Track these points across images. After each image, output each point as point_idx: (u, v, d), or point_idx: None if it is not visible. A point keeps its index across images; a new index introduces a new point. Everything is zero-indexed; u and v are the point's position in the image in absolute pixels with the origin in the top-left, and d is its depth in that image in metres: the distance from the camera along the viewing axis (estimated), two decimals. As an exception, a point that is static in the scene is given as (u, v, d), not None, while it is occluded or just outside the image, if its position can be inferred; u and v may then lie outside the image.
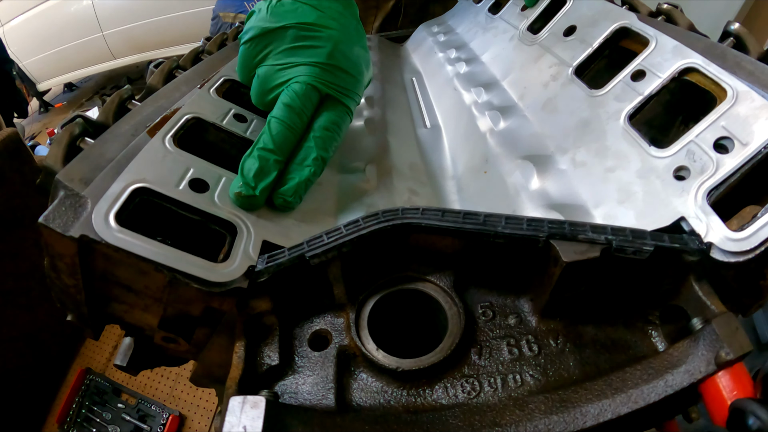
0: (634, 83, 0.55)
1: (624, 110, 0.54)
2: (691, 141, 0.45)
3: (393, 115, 0.88)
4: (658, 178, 0.46)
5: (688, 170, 0.44)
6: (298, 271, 0.43)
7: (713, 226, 0.39)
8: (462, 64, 0.93)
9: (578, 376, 0.39)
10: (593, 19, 0.68)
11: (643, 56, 0.56)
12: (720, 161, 0.42)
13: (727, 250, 0.37)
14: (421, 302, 0.45)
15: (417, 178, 0.71)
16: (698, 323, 0.36)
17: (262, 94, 0.61)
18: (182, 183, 0.48)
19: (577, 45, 0.67)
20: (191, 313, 0.44)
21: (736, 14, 1.79)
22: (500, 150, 0.66)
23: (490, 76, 0.84)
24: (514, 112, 0.71)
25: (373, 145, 0.75)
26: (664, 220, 0.42)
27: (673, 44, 0.54)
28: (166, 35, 3.67)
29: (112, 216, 0.42)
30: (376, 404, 0.40)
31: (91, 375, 1.74)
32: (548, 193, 0.55)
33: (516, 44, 0.83)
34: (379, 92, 0.93)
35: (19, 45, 4.00)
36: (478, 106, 0.77)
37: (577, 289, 0.40)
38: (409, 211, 0.42)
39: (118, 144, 0.51)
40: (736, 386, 0.32)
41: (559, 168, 0.57)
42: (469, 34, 1.06)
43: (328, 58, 0.58)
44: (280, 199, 0.53)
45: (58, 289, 0.45)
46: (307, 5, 0.59)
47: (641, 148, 0.49)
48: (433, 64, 1.05)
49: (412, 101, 1.00)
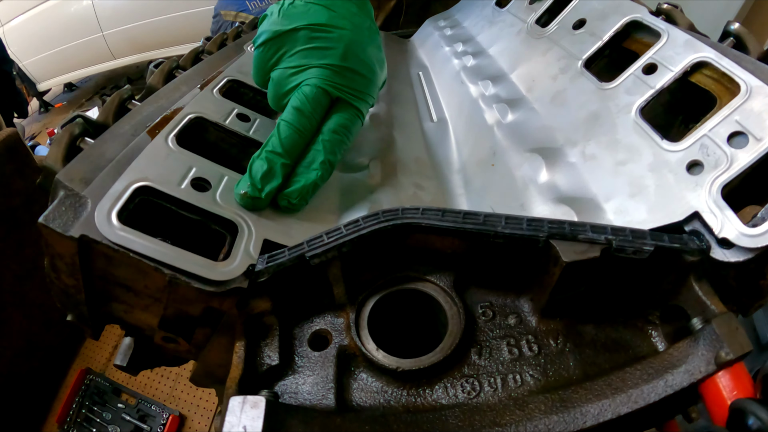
0: (645, 77, 0.54)
1: (635, 103, 0.53)
2: (704, 135, 0.44)
3: (399, 110, 0.87)
4: (671, 172, 0.45)
5: (702, 164, 0.43)
6: (298, 271, 0.43)
7: (728, 221, 0.38)
8: (469, 57, 0.92)
9: (578, 376, 0.39)
10: (603, 12, 0.67)
11: (654, 49, 0.55)
12: (734, 156, 0.41)
13: (742, 246, 0.37)
14: (421, 302, 0.45)
15: (422, 173, 0.71)
16: (698, 323, 0.36)
17: (278, 98, 0.60)
18: (184, 182, 0.48)
19: (587, 38, 0.66)
20: (191, 313, 0.44)
21: (736, 14, 1.78)
22: (508, 143, 0.65)
23: (497, 69, 0.83)
24: (522, 104, 0.70)
25: (377, 140, 0.74)
26: (677, 214, 0.42)
27: (685, 38, 0.53)
28: (166, 35, 3.67)
29: (114, 214, 0.42)
30: (376, 404, 0.40)
31: (91, 375, 1.74)
32: (557, 186, 0.54)
33: (524, 37, 0.82)
34: (385, 88, 0.92)
35: (19, 45, 3.99)
36: (485, 98, 0.76)
37: (577, 289, 0.40)
38: (409, 211, 0.42)
39: (118, 144, 0.51)
40: (736, 386, 0.32)
41: (569, 161, 0.56)
42: (476, 27, 1.05)
43: (340, 60, 0.58)
44: (285, 200, 0.53)
45: (58, 289, 0.45)
46: (318, 6, 0.58)
47: (653, 142, 0.48)
48: (440, 58, 1.04)
49: (419, 95, 0.99)
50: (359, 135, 0.75)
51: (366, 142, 0.73)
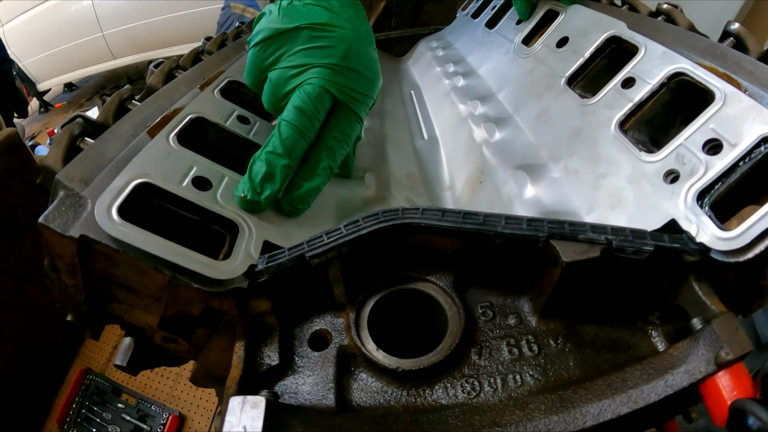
0: (624, 90, 0.56)
1: (615, 117, 0.55)
2: (680, 144, 0.46)
3: (392, 127, 0.89)
4: (648, 182, 0.46)
5: (678, 173, 0.44)
6: (298, 271, 0.43)
7: (703, 226, 0.39)
8: (459, 77, 0.94)
9: (578, 376, 0.39)
10: (584, 29, 0.69)
11: (632, 64, 0.57)
12: (709, 163, 0.42)
13: (719, 250, 0.37)
14: (421, 302, 0.45)
15: (414, 188, 0.73)
16: (698, 323, 0.36)
17: (276, 100, 0.59)
18: (185, 180, 0.48)
19: (570, 56, 0.68)
20: (191, 313, 0.44)
21: (736, 14, 1.78)
22: (495, 160, 0.66)
23: (486, 89, 0.86)
24: (509, 123, 0.72)
25: (372, 154, 0.75)
26: (654, 223, 0.42)
27: (661, 50, 0.55)
28: (166, 35, 3.67)
29: (114, 209, 0.41)
30: (376, 404, 0.40)
31: (91, 375, 1.74)
32: (541, 201, 0.56)
33: (511, 57, 0.84)
34: (378, 104, 0.94)
35: (19, 45, 3.99)
36: (474, 118, 0.78)
37: (577, 289, 0.40)
38: (409, 211, 0.42)
39: (118, 144, 0.51)
40: (736, 386, 0.32)
41: (552, 176, 0.58)
42: (466, 48, 1.08)
43: (342, 60, 0.57)
44: (289, 205, 0.53)
45: (58, 289, 0.45)
46: (319, 7, 0.58)
47: (631, 154, 0.50)
48: (432, 78, 1.07)
49: (411, 114, 1.02)
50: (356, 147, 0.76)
51: (361, 155, 0.74)
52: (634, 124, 0.54)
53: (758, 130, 0.40)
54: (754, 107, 0.42)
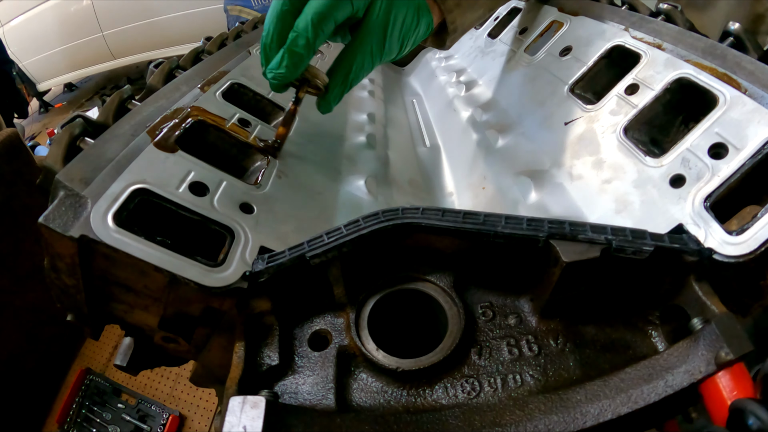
0: (628, 97, 0.56)
1: (619, 123, 0.55)
2: (686, 149, 0.46)
3: (394, 133, 0.90)
4: (654, 187, 0.46)
5: (684, 178, 0.44)
6: (299, 271, 0.43)
7: (712, 231, 0.39)
8: (462, 86, 0.95)
9: (578, 376, 0.38)
10: (588, 39, 0.69)
11: (636, 70, 0.57)
12: (716, 167, 0.42)
13: (727, 254, 0.38)
14: (421, 302, 0.45)
15: (416, 194, 0.73)
16: (698, 323, 0.36)
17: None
18: (182, 186, 0.48)
19: (573, 64, 0.68)
20: (191, 313, 0.44)
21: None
22: (498, 167, 0.67)
23: (488, 97, 0.86)
24: (512, 130, 0.72)
25: (374, 159, 0.76)
26: (661, 227, 0.43)
27: (664, 57, 0.55)
28: (166, 35, 3.67)
29: (110, 216, 0.42)
30: (376, 404, 0.40)
31: (91, 375, 1.74)
32: (546, 207, 0.56)
33: (514, 65, 0.85)
34: (381, 111, 0.95)
35: (19, 45, 4.00)
36: (476, 125, 0.78)
37: (577, 289, 0.40)
38: (409, 211, 0.42)
39: (118, 144, 0.51)
40: (736, 386, 0.32)
41: (556, 182, 0.58)
42: (468, 58, 1.09)
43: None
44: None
45: (58, 289, 0.45)
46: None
47: (637, 159, 0.50)
48: (434, 87, 1.08)
49: (413, 121, 1.03)
50: (357, 151, 0.77)
51: (363, 159, 0.74)
52: (635, 124, 0.54)
53: (763, 134, 0.41)
54: (758, 110, 0.42)
